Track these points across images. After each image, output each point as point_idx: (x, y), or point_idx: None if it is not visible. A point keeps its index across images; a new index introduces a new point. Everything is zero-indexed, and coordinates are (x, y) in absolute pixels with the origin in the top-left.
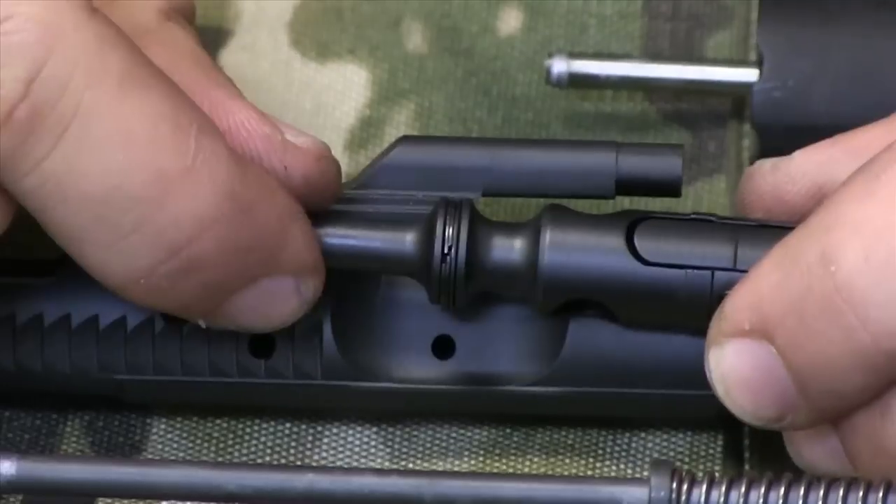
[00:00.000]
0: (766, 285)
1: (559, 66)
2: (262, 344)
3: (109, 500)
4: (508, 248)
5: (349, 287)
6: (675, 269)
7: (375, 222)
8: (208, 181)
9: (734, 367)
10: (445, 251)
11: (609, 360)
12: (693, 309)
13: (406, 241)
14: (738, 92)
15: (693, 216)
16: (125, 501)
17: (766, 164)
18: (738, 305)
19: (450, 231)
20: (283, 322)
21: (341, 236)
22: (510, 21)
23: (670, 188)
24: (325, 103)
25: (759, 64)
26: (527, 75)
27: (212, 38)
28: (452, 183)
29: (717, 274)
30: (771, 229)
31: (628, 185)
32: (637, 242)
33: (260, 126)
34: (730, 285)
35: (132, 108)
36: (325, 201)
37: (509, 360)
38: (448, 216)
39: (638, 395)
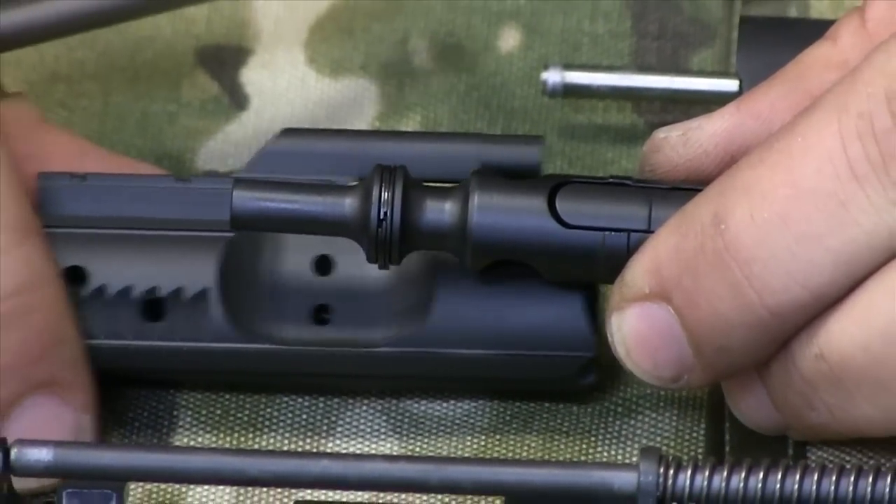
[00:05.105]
0: (663, 249)
1: (554, 77)
2: (154, 308)
3: (140, 485)
4: (440, 211)
5: (234, 255)
6: (593, 232)
7: (316, 188)
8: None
9: (634, 329)
10: (381, 216)
11: (475, 322)
12: (611, 268)
13: (345, 205)
14: (719, 100)
15: (611, 180)
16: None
17: (674, 135)
18: (638, 271)
19: (386, 195)
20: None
21: (284, 201)
22: (509, 40)
23: (530, 175)
24: (339, 116)
25: (738, 76)
26: (524, 90)
27: (233, 56)
28: (331, 169)
29: (633, 235)
30: (683, 191)
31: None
32: (559, 206)
33: None
34: (651, 236)
35: None
36: None
37: (382, 326)
38: (383, 181)
39: (503, 356)
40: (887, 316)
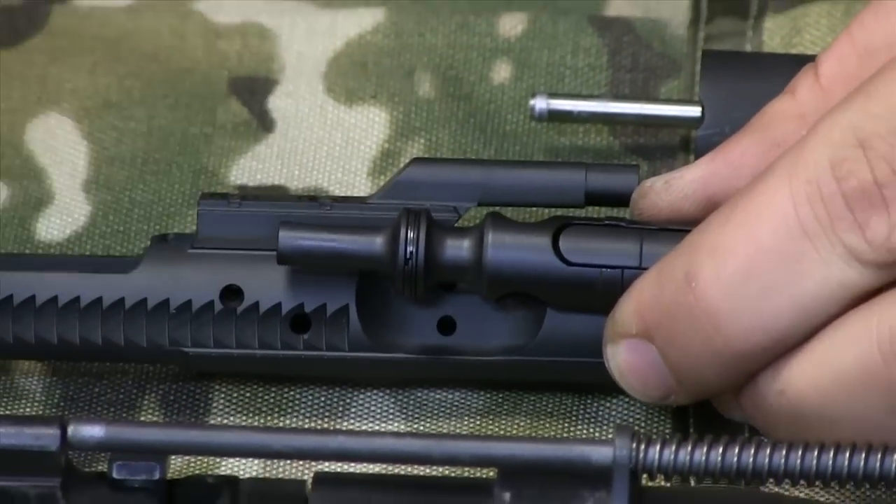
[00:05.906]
0: (646, 297)
1: (541, 103)
2: (300, 323)
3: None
4: (459, 248)
5: (370, 276)
6: (592, 268)
7: (351, 228)
8: None
9: (625, 360)
10: (408, 254)
11: (578, 335)
12: (608, 299)
13: (376, 244)
14: (684, 124)
15: (607, 222)
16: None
17: (659, 183)
18: (626, 313)
19: (411, 235)
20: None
21: (324, 240)
22: (501, 72)
23: (629, 200)
24: (353, 139)
25: (701, 102)
26: (515, 116)
27: (261, 86)
28: (454, 195)
29: (626, 271)
30: (670, 232)
31: (595, 197)
32: (561, 245)
33: None
34: (636, 280)
35: None
36: None
37: (500, 337)
38: (409, 223)
39: (600, 363)
40: (840, 363)
